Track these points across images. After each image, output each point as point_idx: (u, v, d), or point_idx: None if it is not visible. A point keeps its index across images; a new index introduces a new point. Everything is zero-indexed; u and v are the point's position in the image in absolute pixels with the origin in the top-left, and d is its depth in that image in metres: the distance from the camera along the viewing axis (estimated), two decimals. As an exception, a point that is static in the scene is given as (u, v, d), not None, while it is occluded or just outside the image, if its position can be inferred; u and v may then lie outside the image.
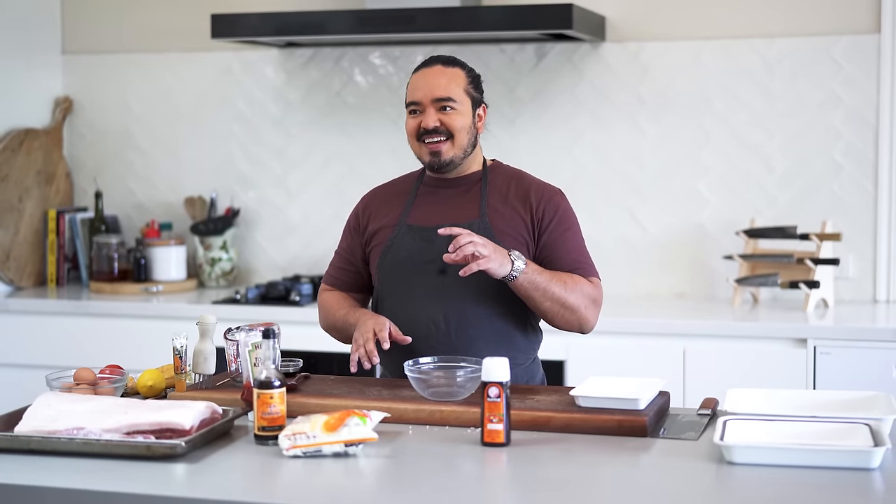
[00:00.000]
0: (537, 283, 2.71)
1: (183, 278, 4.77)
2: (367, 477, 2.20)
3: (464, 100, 2.82)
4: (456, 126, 2.80)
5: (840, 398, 2.58)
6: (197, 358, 2.74)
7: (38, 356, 4.36)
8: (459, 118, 2.81)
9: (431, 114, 2.80)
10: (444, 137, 2.80)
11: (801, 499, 2.03)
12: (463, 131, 2.82)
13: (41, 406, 2.36)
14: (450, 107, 2.80)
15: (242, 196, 4.88)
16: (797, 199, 4.34)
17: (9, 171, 4.69)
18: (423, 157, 2.84)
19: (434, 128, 2.79)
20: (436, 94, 2.79)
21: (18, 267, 4.76)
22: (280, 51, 4.80)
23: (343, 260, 2.98)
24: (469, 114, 2.83)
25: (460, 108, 2.81)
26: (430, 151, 2.82)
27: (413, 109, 2.83)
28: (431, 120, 2.79)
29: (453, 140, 2.81)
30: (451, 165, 2.84)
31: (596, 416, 2.45)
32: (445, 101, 2.80)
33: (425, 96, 2.80)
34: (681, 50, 4.42)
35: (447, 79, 2.81)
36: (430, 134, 2.80)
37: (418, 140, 2.82)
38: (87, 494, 2.07)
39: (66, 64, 5.04)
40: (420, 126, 2.81)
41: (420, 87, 2.82)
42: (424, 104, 2.80)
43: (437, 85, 2.80)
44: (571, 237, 2.85)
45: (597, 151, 4.52)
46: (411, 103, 2.83)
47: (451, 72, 2.83)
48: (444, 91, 2.80)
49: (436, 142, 2.80)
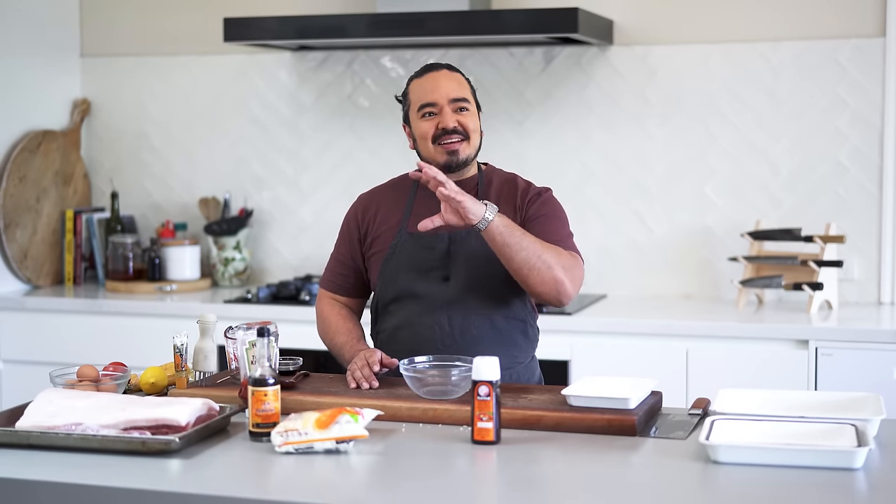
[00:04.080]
0: (513, 231, 2.68)
1: (197, 278, 4.84)
2: (357, 473, 2.24)
3: (473, 102, 2.89)
4: (471, 127, 2.85)
5: (831, 399, 2.60)
6: (197, 356, 2.80)
7: (54, 353, 4.44)
8: (473, 119, 2.86)
9: (449, 114, 2.83)
10: (461, 137, 2.84)
11: (784, 498, 2.06)
12: (476, 132, 2.87)
13: (42, 402, 2.42)
14: (465, 108, 2.84)
15: (256, 197, 4.95)
16: (802, 201, 4.36)
17: (27, 171, 4.77)
18: (439, 159, 2.85)
19: (453, 128, 2.82)
20: (452, 95, 2.83)
21: (36, 266, 4.84)
22: (293, 54, 4.86)
23: (341, 265, 3.02)
24: (477, 117, 2.89)
25: (472, 110, 2.87)
26: (447, 151, 2.83)
27: (427, 112, 2.84)
28: (451, 120, 2.82)
29: (469, 140, 2.85)
30: (464, 165, 2.88)
31: (586, 415, 2.48)
32: (461, 102, 2.84)
33: (442, 97, 2.83)
34: (687, 54, 4.45)
35: (457, 82, 2.87)
36: (449, 134, 2.83)
37: (433, 142, 2.84)
38: (82, 489, 2.13)
39: (85, 67, 5.12)
40: (438, 127, 2.83)
41: (433, 90, 2.84)
42: (441, 104, 2.83)
43: (450, 87, 2.84)
44: (553, 219, 2.86)
45: (604, 154, 4.56)
46: (426, 105, 2.84)
47: (458, 77, 2.89)
48: (459, 92, 2.84)
49: (454, 142, 2.83)
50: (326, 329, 3.00)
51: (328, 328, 3.00)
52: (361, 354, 2.80)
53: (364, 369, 2.74)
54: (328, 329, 3.00)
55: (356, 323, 3.01)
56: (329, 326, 3.00)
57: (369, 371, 2.74)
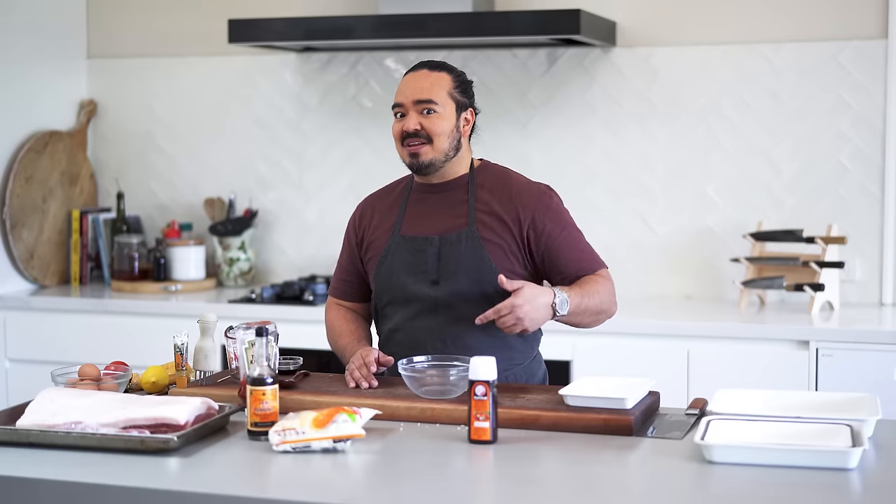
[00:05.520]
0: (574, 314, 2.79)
1: (202, 278, 4.86)
2: (354, 472, 2.26)
3: (447, 103, 2.83)
4: (436, 130, 2.82)
5: (827, 399, 2.61)
6: (197, 355, 2.82)
7: (60, 353, 4.46)
8: (440, 122, 2.82)
9: (412, 117, 2.82)
10: (423, 140, 2.83)
11: (779, 498, 2.07)
12: (443, 135, 2.83)
13: (43, 401, 2.44)
14: (431, 109, 2.82)
15: (261, 197, 4.97)
16: (804, 202, 4.37)
17: (33, 172, 4.80)
18: (405, 159, 2.87)
19: (414, 131, 2.82)
20: (416, 97, 2.82)
21: (42, 266, 4.87)
22: (298, 55, 4.88)
23: (345, 271, 3.04)
24: (452, 118, 2.84)
25: (442, 112, 2.82)
26: (409, 153, 2.85)
27: (397, 112, 2.86)
28: (412, 123, 2.82)
29: (433, 144, 2.83)
30: (432, 168, 2.86)
31: (583, 415, 2.49)
32: (426, 104, 2.81)
33: (407, 99, 2.83)
34: (690, 55, 4.47)
35: (430, 82, 2.83)
36: (411, 137, 2.83)
37: (402, 143, 2.86)
38: (81, 487, 2.15)
39: (91, 68, 5.15)
40: (402, 129, 2.84)
41: (403, 91, 2.85)
42: (406, 106, 2.83)
43: (419, 88, 2.82)
44: (569, 236, 2.88)
45: (607, 155, 4.58)
46: (395, 106, 2.86)
47: (436, 76, 2.85)
48: (426, 93, 2.82)
49: (415, 145, 2.83)
50: (332, 333, 3.03)
51: (333, 332, 3.02)
52: (358, 354, 2.81)
53: (362, 369, 2.76)
54: (333, 332, 3.02)
55: (360, 325, 3.03)
56: (334, 330, 3.02)
57: (368, 371, 2.76)
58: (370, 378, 2.74)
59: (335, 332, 3.01)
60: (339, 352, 2.98)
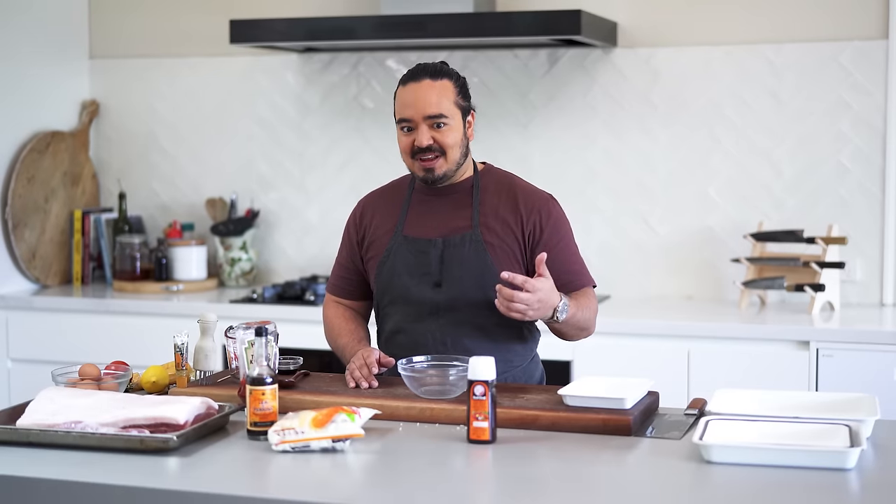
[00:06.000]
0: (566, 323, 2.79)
1: (203, 278, 4.87)
2: (353, 472, 2.27)
3: (454, 113, 2.81)
4: (448, 143, 2.80)
5: (826, 399, 2.61)
6: (198, 355, 2.83)
7: (62, 353, 4.46)
8: (451, 133, 2.81)
9: (424, 131, 2.79)
10: (437, 154, 2.81)
11: (776, 498, 2.08)
12: (455, 147, 2.82)
13: (43, 400, 2.45)
14: (442, 123, 2.79)
15: (262, 198, 4.98)
16: (805, 203, 4.38)
17: (35, 172, 4.81)
18: (417, 173, 2.85)
19: (428, 146, 2.80)
20: (427, 112, 2.78)
21: (44, 266, 4.88)
22: (299, 55, 4.89)
23: (344, 269, 3.04)
24: (460, 127, 2.83)
25: (452, 123, 2.81)
26: (423, 168, 2.82)
27: (405, 126, 2.82)
28: (425, 138, 2.79)
29: (446, 156, 2.82)
30: (445, 179, 2.86)
31: (582, 415, 2.50)
32: (437, 119, 2.79)
33: (417, 114, 2.79)
34: (691, 56, 4.47)
35: (437, 94, 2.79)
36: (424, 152, 2.80)
37: (412, 157, 2.83)
38: (81, 486, 2.15)
39: (94, 68, 5.16)
40: (413, 144, 2.81)
41: (410, 104, 2.80)
42: (416, 121, 2.79)
43: (427, 102, 2.78)
44: (565, 247, 2.88)
45: (608, 155, 4.58)
46: (402, 120, 2.82)
47: (440, 85, 2.81)
48: (436, 108, 2.78)
49: (430, 159, 2.81)
50: (330, 331, 3.03)
51: (332, 330, 3.02)
52: (359, 354, 2.82)
53: (363, 369, 2.77)
54: (332, 331, 3.02)
55: (359, 324, 3.03)
56: (333, 329, 3.02)
57: (368, 371, 2.76)
58: (370, 378, 2.75)
59: (334, 331, 3.01)
60: (338, 351, 2.99)
